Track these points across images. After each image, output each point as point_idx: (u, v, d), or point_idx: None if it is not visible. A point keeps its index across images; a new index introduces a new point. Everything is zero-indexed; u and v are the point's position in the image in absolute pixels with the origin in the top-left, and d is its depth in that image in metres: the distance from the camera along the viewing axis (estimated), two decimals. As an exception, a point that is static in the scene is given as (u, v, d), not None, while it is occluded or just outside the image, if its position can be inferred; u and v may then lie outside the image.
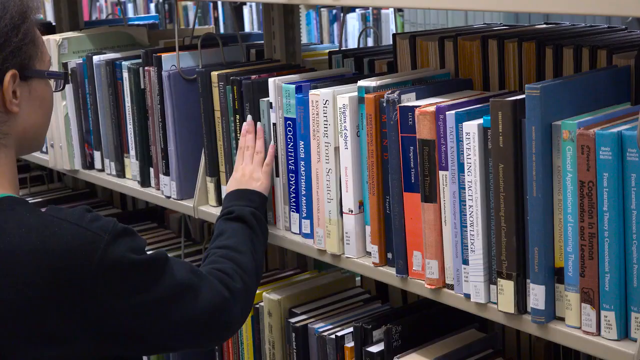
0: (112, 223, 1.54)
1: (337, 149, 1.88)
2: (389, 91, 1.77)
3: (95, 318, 1.50)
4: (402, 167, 1.76)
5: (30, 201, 3.07)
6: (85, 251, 1.49)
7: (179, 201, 2.35)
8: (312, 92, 1.90)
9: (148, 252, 1.58)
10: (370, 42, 5.64)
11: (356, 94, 1.83)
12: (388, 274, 1.84)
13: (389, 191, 1.80)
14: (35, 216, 1.53)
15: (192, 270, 1.67)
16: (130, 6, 7.28)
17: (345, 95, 1.84)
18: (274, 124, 2.04)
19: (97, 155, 2.64)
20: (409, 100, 1.77)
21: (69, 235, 1.49)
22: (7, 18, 1.57)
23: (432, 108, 1.69)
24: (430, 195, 1.72)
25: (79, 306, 1.49)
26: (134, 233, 1.58)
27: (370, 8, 5.65)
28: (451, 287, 1.73)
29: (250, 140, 2.08)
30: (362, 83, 1.82)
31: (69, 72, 2.57)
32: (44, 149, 2.76)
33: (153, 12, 6.92)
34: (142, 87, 2.39)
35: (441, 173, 1.69)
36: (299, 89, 1.96)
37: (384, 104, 1.77)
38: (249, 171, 2.06)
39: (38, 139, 1.69)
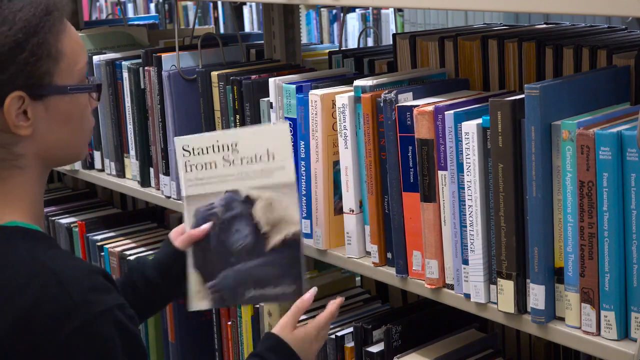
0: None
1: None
2: (386, 91, 1.77)
3: None
4: (400, 167, 1.76)
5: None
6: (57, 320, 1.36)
7: (179, 201, 2.35)
8: (312, 92, 1.90)
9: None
10: (370, 42, 5.64)
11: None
12: (388, 274, 1.84)
13: (388, 191, 1.80)
14: (31, 257, 1.41)
15: None
16: (130, 6, 7.28)
17: (344, 95, 1.84)
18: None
19: (97, 155, 2.64)
20: (406, 100, 1.77)
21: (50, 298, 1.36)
22: (12, 33, 1.41)
23: (431, 108, 1.69)
24: (430, 194, 1.72)
25: None
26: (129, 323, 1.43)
27: (370, 8, 5.65)
28: (451, 287, 1.73)
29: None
30: (358, 83, 1.82)
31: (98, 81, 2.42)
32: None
33: (153, 12, 6.92)
34: (142, 87, 2.39)
35: (440, 173, 1.69)
36: (299, 89, 1.96)
37: (381, 104, 1.77)
38: (316, 344, 1.71)
39: (68, 152, 1.54)
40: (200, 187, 1.64)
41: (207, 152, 1.63)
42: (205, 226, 1.69)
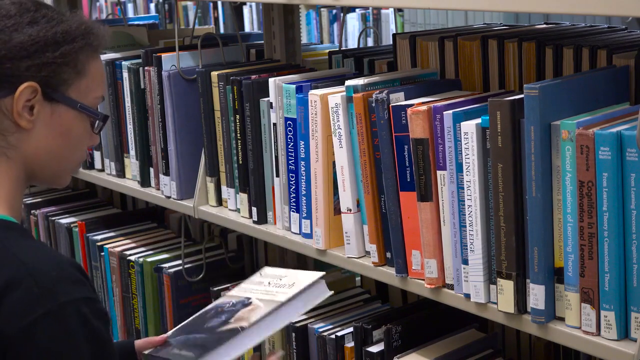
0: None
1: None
2: (377, 91, 1.77)
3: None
4: (396, 166, 1.76)
5: (29, 201, 3.08)
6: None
7: (179, 201, 2.35)
8: (312, 92, 1.90)
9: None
10: (370, 42, 5.64)
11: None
12: (388, 274, 1.84)
13: (384, 190, 1.80)
14: (3, 247, 1.43)
15: None
16: (130, 6, 7.28)
17: (337, 95, 1.84)
18: (274, 124, 2.04)
19: (97, 155, 2.64)
20: (397, 99, 1.77)
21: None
22: (52, 31, 1.50)
23: (424, 107, 1.69)
24: (426, 194, 1.72)
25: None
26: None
27: (370, 8, 5.65)
28: (451, 287, 1.73)
29: None
30: (349, 82, 1.82)
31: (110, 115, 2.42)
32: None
33: (153, 12, 6.91)
34: (142, 87, 2.39)
35: (439, 173, 1.69)
36: (299, 89, 1.97)
37: (373, 104, 1.77)
38: None
39: (52, 169, 1.57)
40: (240, 291, 1.84)
41: (267, 278, 1.84)
42: (163, 337, 1.83)
